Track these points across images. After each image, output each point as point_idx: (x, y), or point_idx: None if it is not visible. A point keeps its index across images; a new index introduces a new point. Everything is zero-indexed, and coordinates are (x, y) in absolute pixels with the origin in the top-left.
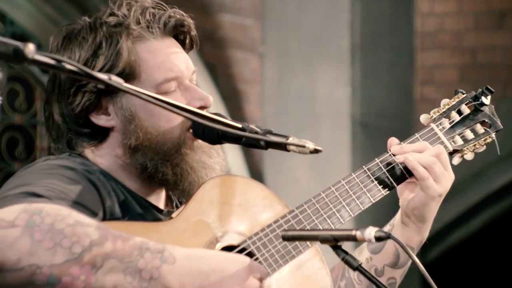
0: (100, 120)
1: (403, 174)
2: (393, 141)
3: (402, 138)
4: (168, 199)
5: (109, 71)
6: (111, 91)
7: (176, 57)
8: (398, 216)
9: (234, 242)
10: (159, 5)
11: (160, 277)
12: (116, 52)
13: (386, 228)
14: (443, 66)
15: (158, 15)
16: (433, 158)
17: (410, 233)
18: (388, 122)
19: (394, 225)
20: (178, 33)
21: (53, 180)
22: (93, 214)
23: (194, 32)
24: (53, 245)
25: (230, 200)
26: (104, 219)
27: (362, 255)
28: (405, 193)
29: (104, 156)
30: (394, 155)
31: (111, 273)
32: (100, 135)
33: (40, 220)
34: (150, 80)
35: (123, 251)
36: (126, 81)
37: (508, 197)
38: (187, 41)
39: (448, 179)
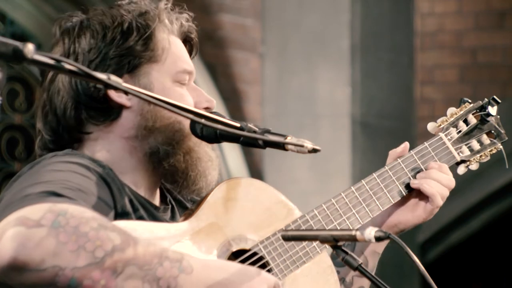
0: (120, 98)
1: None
2: (395, 151)
3: (402, 138)
4: (161, 195)
5: (143, 45)
6: (134, 69)
7: (187, 57)
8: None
9: (246, 246)
10: (174, 7)
11: (177, 287)
12: (149, 34)
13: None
14: (443, 66)
15: (177, 16)
16: (447, 191)
17: (382, 244)
18: (388, 122)
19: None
20: (185, 38)
21: (67, 177)
22: (109, 207)
23: (196, 39)
24: (77, 248)
25: (243, 203)
26: (116, 214)
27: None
28: (402, 211)
29: (113, 139)
30: (403, 163)
31: (131, 280)
32: (112, 113)
33: (65, 221)
34: (172, 66)
35: (144, 258)
36: (153, 61)
37: (508, 197)
38: (187, 47)
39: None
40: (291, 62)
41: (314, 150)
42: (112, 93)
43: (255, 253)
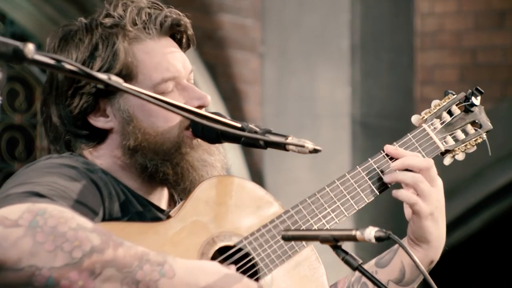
0: (98, 122)
1: (387, 185)
2: (388, 147)
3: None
4: (171, 198)
5: (106, 72)
6: (109, 93)
7: (173, 57)
8: (406, 237)
9: (230, 242)
10: (155, 5)
11: None
12: (112, 54)
13: (396, 245)
14: (443, 66)
15: (154, 15)
16: (418, 176)
17: (418, 253)
18: (388, 122)
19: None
20: (174, 32)
21: (56, 179)
22: (94, 213)
23: (190, 31)
24: (54, 248)
25: (226, 200)
26: (104, 218)
27: (367, 267)
28: (407, 215)
29: (103, 157)
30: (387, 156)
31: (109, 282)
32: (98, 136)
33: (43, 221)
34: (147, 80)
35: (123, 260)
36: (125, 82)
37: (508, 197)
38: (184, 40)
39: (435, 193)
40: (291, 62)
41: (315, 151)
42: (91, 119)
43: (240, 249)
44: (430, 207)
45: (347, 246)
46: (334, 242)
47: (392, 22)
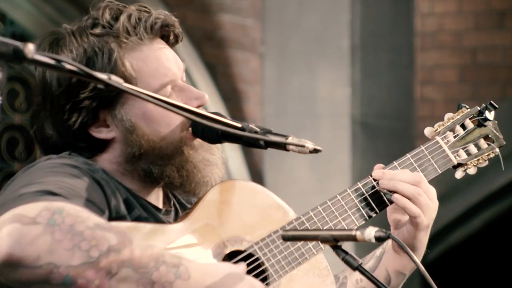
0: (100, 133)
1: (386, 203)
2: (377, 167)
3: (402, 138)
4: (165, 197)
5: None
6: (109, 103)
7: (167, 60)
8: (389, 242)
9: (240, 247)
10: (143, 7)
11: None
12: (110, 67)
13: (378, 252)
14: (443, 66)
15: (144, 19)
16: (418, 189)
17: (403, 261)
18: (388, 122)
19: (386, 250)
20: (164, 33)
21: (61, 178)
22: (101, 211)
23: (178, 29)
24: (72, 246)
25: (237, 205)
26: (110, 217)
27: (352, 276)
28: (394, 222)
29: (103, 165)
30: (375, 180)
31: (125, 282)
32: (98, 146)
33: (61, 219)
34: (146, 88)
35: (140, 260)
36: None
37: (508, 197)
38: (172, 37)
39: (433, 208)
40: (291, 62)
41: (316, 151)
42: (92, 131)
43: (250, 254)
44: (428, 219)
45: (347, 246)
46: (334, 242)
47: (392, 22)
